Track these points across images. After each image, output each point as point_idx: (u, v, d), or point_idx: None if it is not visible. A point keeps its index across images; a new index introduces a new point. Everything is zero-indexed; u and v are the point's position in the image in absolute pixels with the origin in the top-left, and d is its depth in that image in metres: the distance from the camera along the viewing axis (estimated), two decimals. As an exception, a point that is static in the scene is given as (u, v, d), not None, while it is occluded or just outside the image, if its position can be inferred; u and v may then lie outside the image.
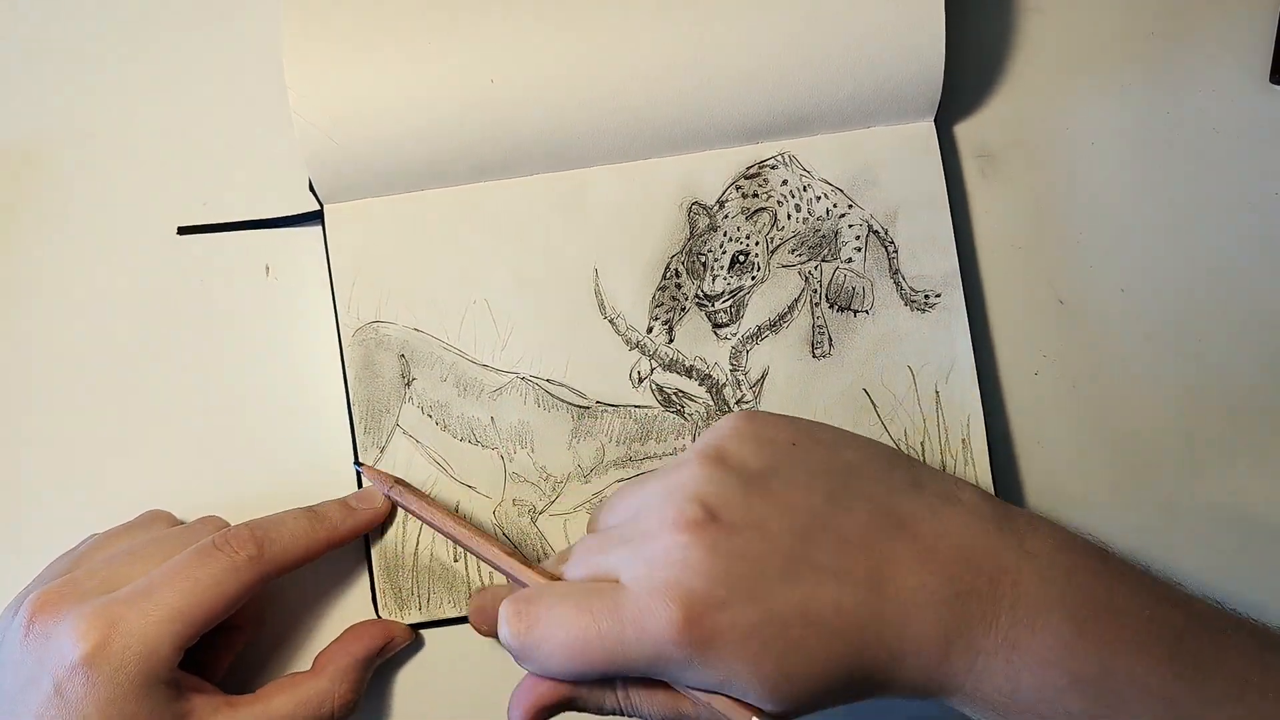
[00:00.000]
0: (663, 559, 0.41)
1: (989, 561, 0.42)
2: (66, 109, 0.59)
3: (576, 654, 0.41)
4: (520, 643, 0.42)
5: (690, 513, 0.41)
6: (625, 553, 0.43)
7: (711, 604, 0.40)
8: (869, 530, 0.42)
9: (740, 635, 0.40)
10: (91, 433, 0.57)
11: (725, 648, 0.40)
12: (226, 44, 0.59)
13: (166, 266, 0.58)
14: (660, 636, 0.40)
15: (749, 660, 0.40)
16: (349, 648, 0.51)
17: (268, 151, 0.58)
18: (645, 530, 0.42)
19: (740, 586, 0.40)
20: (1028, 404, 0.56)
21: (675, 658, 0.40)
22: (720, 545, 0.41)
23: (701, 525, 0.41)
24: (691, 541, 0.41)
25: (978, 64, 0.57)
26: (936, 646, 0.41)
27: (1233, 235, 0.56)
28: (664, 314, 0.55)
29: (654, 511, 0.43)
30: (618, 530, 0.44)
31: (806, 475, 0.43)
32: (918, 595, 0.41)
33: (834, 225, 0.55)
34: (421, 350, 0.55)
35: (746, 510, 0.42)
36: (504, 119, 0.53)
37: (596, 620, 0.41)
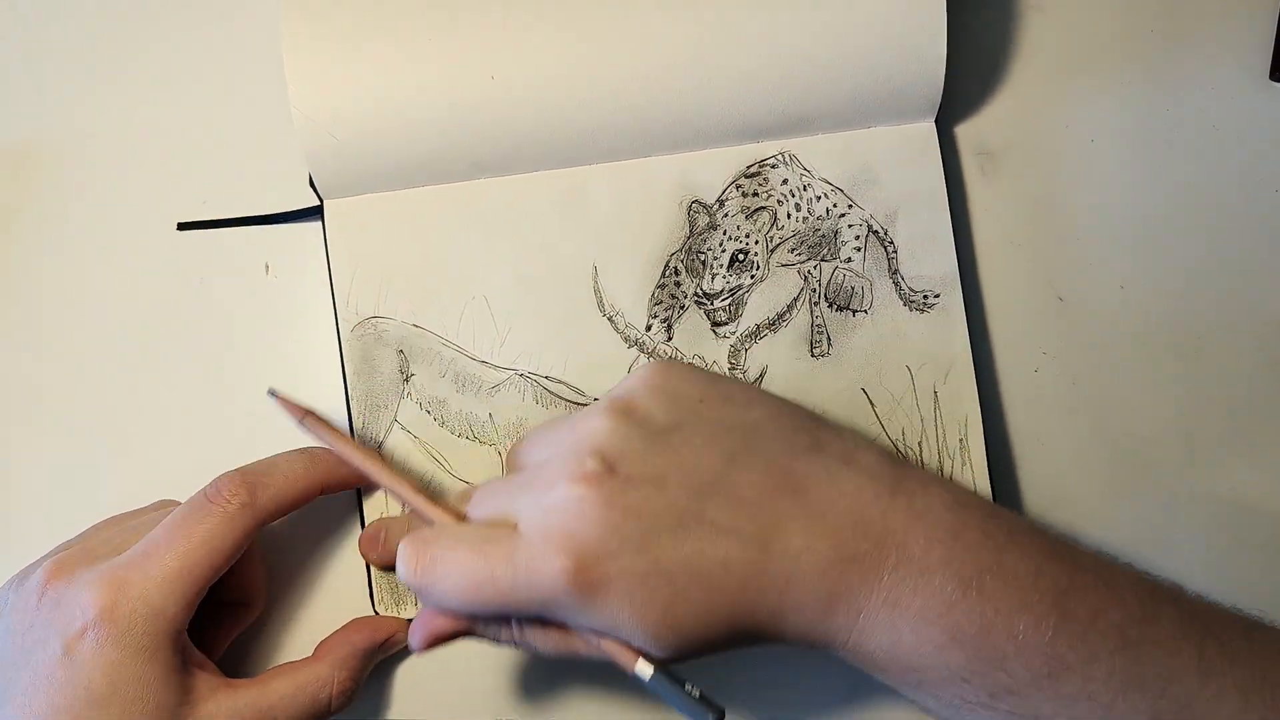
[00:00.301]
0: (558, 509, 0.42)
1: (876, 524, 0.43)
2: (66, 107, 0.59)
3: (470, 595, 0.43)
4: (417, 581, 0.44)
5: (590, 465, 0.42)
6: (525, 499, 0.44)
7: (601, 554, 0.41)
8: (763, 491, 0.43)
9: (627, 585, 0.41)
10: (90, 429, 0.57)
11: (612, 595, 0.41)
12: (226, 41, 0.59)
13: (167, 264, 0.58)
14: (549, 584, 0.41)
15: (635, 608, 0.42)
16: (351, 638, 0.52)
17: (268, 149, 0.58)
18: (545, 478, 0.43)
19: (631, 538, 0.42)
20: (1027, 401, 0.56)
21: (564, 603, 0.42)
22: (615, 498, 0.42)
23: (599, 478, 0.42)
24: (587, 494, 0.42)
25: (978, 63, 0.57)
26: (819, 605, 0.42)
27: (1232, 233, 0.56)
28: (663, 312, 0.55)
29: (556, 461, 0.44)
30: (522, 476, 0.46)
31: (709, 432, 0.44)
32: (803, 557, 0.42)
33: (834, 225, 0.55)
34: (420, 346, 0.55)
35: (645, 465, 0.43)
36: (504, 116, 0.53)
37: (490, 564, 0.42)
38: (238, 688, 0.48)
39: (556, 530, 0.42)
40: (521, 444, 0.49)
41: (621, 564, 0.41)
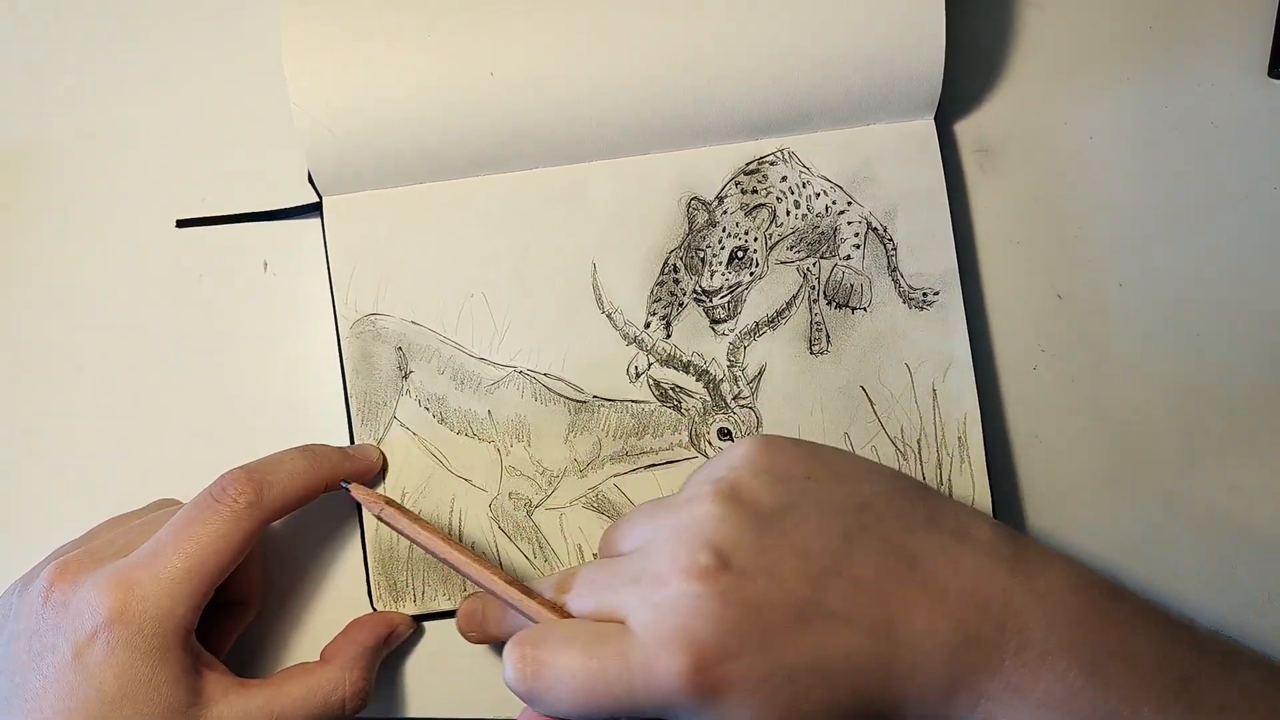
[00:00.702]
0: (672, 607, 0.40)
1: (998, 603, 0.41)
2: (65, 104, 0.59)
3: (583, 700, 0.41)
4: (527, 687, 0.42)
5: (703, 560, 0.41)
6: (633, 594, 0.42)
7: (721, 655, 0.40)
8: (882, 573, 0.42)
9: (749, 685, 0.40)
10: (89, 427, 0.57)
11: (733, 696, 0.40)
12: (225, 38, 0.59)
13: (165, 262, 0.58)
14: (668, 685, 0.40)
15: (756, 709, 0.40)
16: (355, 638, 0.51)
17: (267, 146, 0.58)
18: (655, 572, 0.42)
19: (750, 636, 0.40)
20: (1026, 399, 0.56)
21: (683, 705, 0.40)
22: (731, 594, 0.40)
23: (713, 573, 0.40)
24: (703, 591, 0.40)
25: (976, 60, 0.57)
26: (941, 692, 0.41)
27: (1231, 230, 0.56)
28: (662, 309, 0.55)
29: (665, 553, 0.42)
30: (626, 565, 0.44)
31: (821, 513, 0.43)
32: (925, 642, 0.41)
33: (833, 222, 0.55)
34: (419, 343, 0.55)
35: (759, 555, 0.41)
36: (504, 112, 0.53)
37: (604, 667, 0.40)
38: (250, 688, 0.47)
39: (672, 630, 0.40)
40: (619, 528, 0.47)
41: (742, 665, 0.40)
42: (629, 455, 0.54)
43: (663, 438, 0.54)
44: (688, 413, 0.54)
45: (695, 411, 0.54)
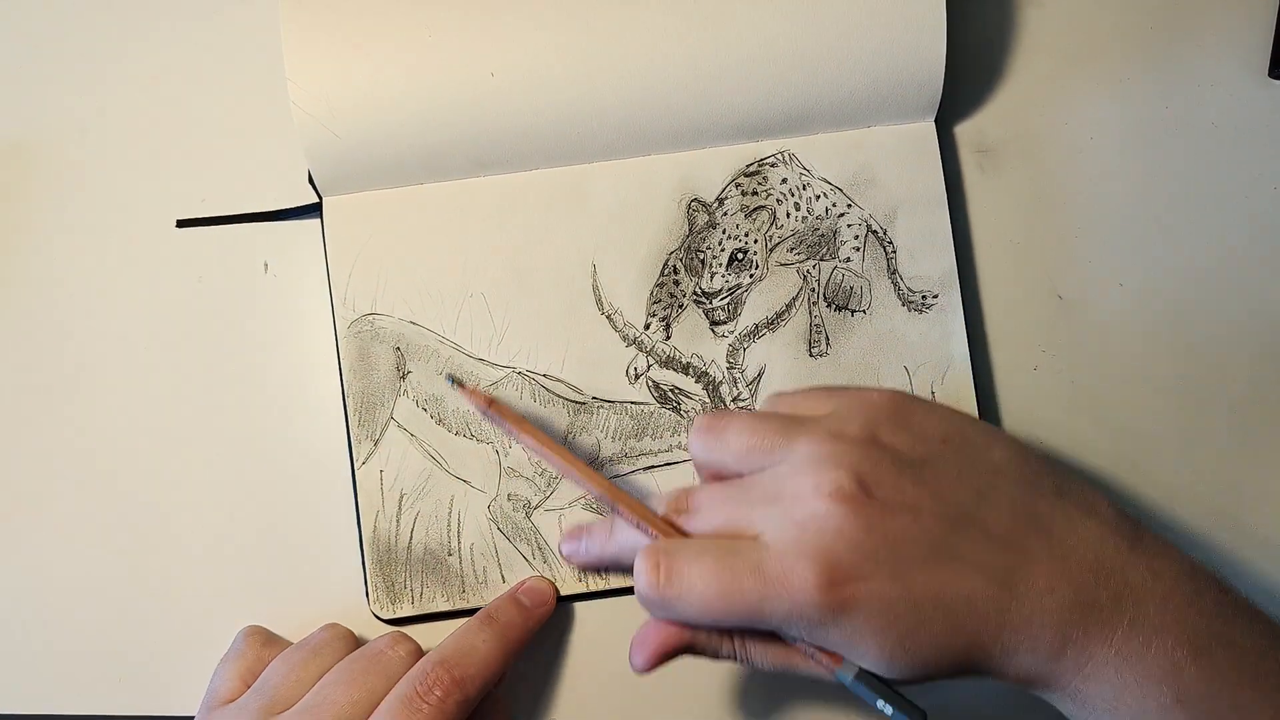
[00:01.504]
0: (813, 524, 0.42)
1: (1116, 577, 0.43)
2: (64, 104, 0.59)
3: (716, 607, 0.42)
4: (660, 594, 0.43)
5: (846, 484, 0.42)
6: (769, 511, 0.43)
7: (855, 574, 0.41)
8: (1011, 529, 0.43)
9: (874, 607, 0.41)
10: (89, 426, 0.57)
11: (857, 616, 0.41)
12: (226, 38, 0.59)
13: (165, 264, 0.58)
14: (800, 598, 0.41)
15: (876, 632, 0.42)
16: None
17: (267, 147, 0.58)
18: (794, 492, 0.43)
19: (885, 563, 0.42)
20: (1026, 399, 0.56)
21: (810, 618, 0.41)
22: (874, 522, 0.42)
23: (857, 499, 0.42)
24: (847, 512, 0.42)
25: (977, 61, 0.57)
26: (1051, 648, 0.42)
27: (1231, 230, 0.56)
28: (662, 310, 0.55)
29: (805, 475, 0.43)
30: (755, 485, 0.45)
31: (956, 471, 0.44)
32: (1044, 598, 0.42)
33: (833, 224, 0.55)
34: (417, 343, 0.55)
35: (900, 492, 0.43)
36: (504, 113, 0.53)
37: (738, 577, 0.42)
38: None
39: (811, 545, 0.41)
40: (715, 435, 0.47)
41: (872, 586, 0.41)
42: (628, 457, 0.54)
43: (662, 439, 0.54)
44: (687, 414, 0.54)
45: (695, 413, 0.54)
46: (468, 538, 0.54)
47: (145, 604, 0.56)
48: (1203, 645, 0.42)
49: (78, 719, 0.55)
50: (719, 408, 0.54)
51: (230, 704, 0.49)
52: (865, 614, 0.41)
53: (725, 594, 0.42)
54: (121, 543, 0.56)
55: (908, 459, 0.44)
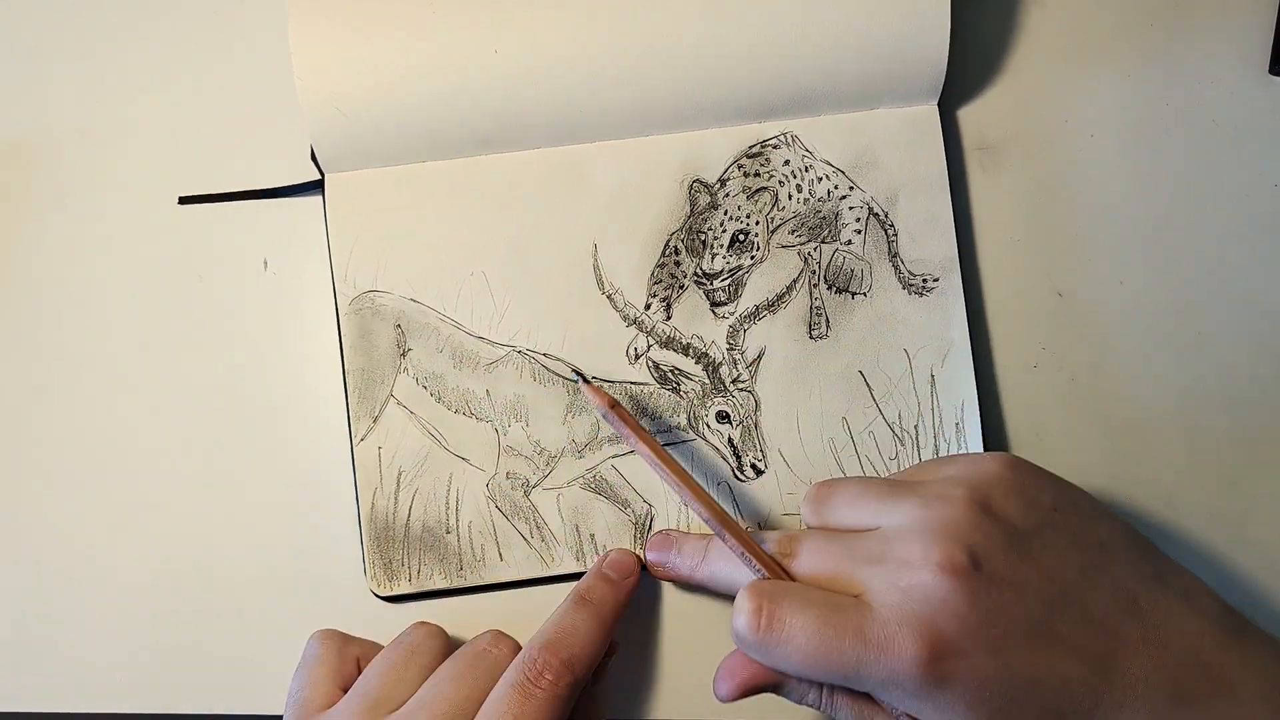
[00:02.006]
0: (919, 593, 0.42)
1: (1212, 670, 0.43)
2: (64, 97, 0.59)
3: (812, 662, 0.42)
4: (758, 638, 0.43)
5: (957, 558, 0.42)
6: (876, 572, 0.43)
7: (955, 650, 0.41)
8: (1110, 613, 0.43)
9: (972, 685, 0.41)
10: (89, 423, 0.57)
11: (954, 691, 0.41)
12: (229, 18, 0.59)
13: (165, 260, 0.58)
14: (900, 667, 0.41)
15: (970, 707, 0.42)
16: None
17: (270, 137, 0.58)
18: (903, 558, 0.43)
19: (985, 640, 0.42)
20: (1026, 397, 0.56)
21: (906, 688, 0.42)
22: (979, 597, 0.42)
23: (965, 572, 0.42)
24: (954, 586, 0.42)
25: (980, 51, 0.58)
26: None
27: (1231, 227, 0.57)
28: (662, 291, 0.55)
29: (916, 542, 0.43)
30: (865, 544, 0.45)
31: (1064, 543, 0.44)
32: (1139, 686, 0.42)
33: (834, 207, 0.55)
34: (418, 321, 0.55)
35: (1008, 568, 0.43)
36: (507, 90, 0.53)
37: (840, 636, 0.42)
38: None
39: (915, 615, 0.42)
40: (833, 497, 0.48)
41: (971, 663, 0.41)
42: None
43: (661, 419, 0.54)
44: (686, 395, 0.54)
45: (694, 394, 0.54)
46: (466, 515, 0.54)
47: (145, 596, 0.56)
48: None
49: (79, 717, 0.55)
50: (718, 389, 0.54)
51: (329, 710, 0.48)
52: (961, 690, 0.41)
53: (824, 651, 0.42)
54: (121, 536, 0.56)
55: (1018, 530, 0.44)
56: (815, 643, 0.42)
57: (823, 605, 0.43)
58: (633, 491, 0.54)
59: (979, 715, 0.41)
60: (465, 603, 0.54)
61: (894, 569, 0.43)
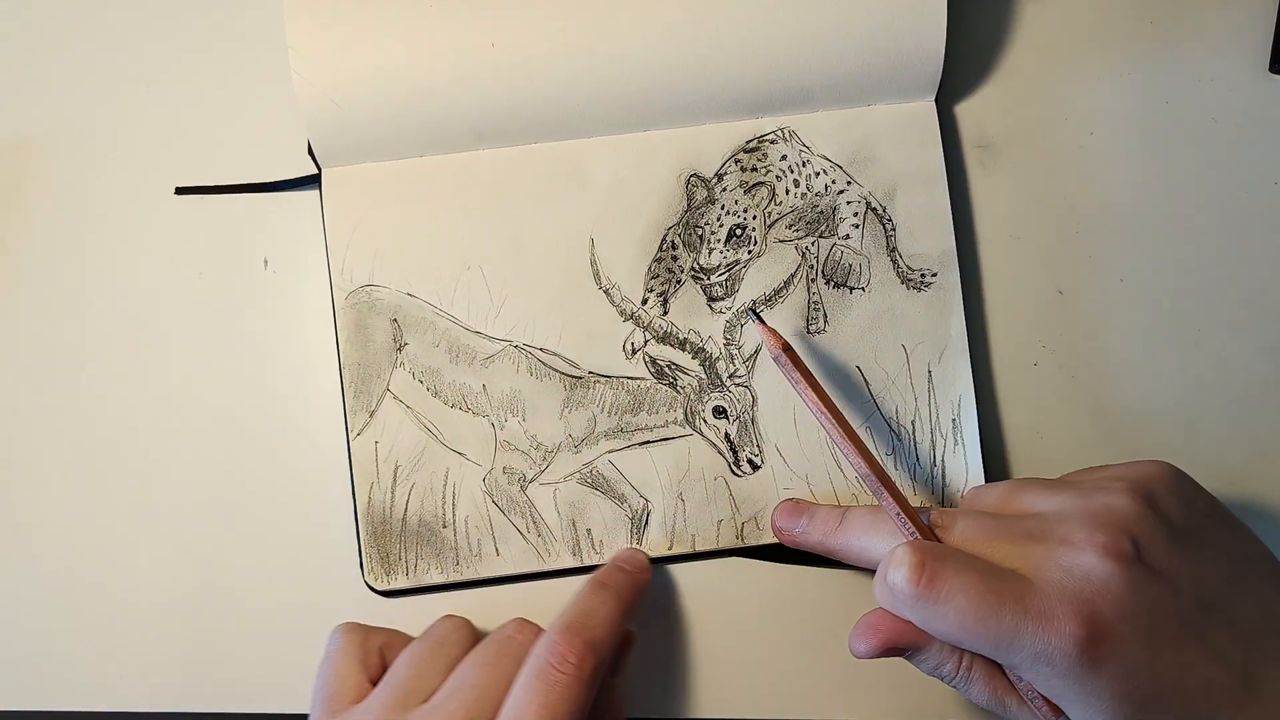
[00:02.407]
0: (1081, 573, 0.42)
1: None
2: (63, 94, 0.59)
3: (970, 625, 0.42)
4: (917, 593, 0.43)
5: (1122, 544, 0.42)
6: (1038, 550, 0.43)
7: (1112, 635, 0.41)
8: (1256, 624, 0.43)
9: (1121, 673, 0.41)
10: (88, 421, 0.57)
11: (1104, 677, 0.41)
12: (227, 19, 0.59)
13: (165, 259, 0.57)
14: (1057, 643, 0.41)
15: (1116, 696, 0.42)
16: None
17: (268, 134, 0.58)
18: (1065, 538, 0.43)
19: (1140, 630, 0.42)
20: (1026, 394, 0.56)
21: (1058, 665, 0.42)
22: (1139, 586, 0.42)
23: (1129, 560, 0.42)
24: (1117, 571, 0.42)
25: (978, 46, 0.57)
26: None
27: (1232, 224, 0.56)
28: (659, 286, 0.55)
29: (1080, 525, 0.43)
30: (1025, 524, 0.45)
31: (1214, 551, 0.45)
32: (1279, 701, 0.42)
33: (832, 201, 0.55)
34: (414, 315, 0.54)
35: (1167, 562, 0.43)
36: (504, 85, 0.53)
37: (1002, 603, 0.42)
38: None
39: (1078, 595, 0.42)
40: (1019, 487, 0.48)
41: (1125, 650, 0.41)
42: (624, 431, 0.54)
43: (658, 415, 0.54)
44: (683, 390, 0.54)
45: (690, 389, 0.54)
46: (462, 510, 0.54)
47: (140, 592, 0.56)
48: None
49: (75, 715, 0.55)
50: (715, 384, 0.54)
51: (360, 705, 0.48)
52: (1110, 676, 0.41)
53: (983, 616, 0.42)
54: (118, 531, 0.56)
55: (1176, 528, 0.44)
56: (975, 605, 0.42)
57: (985, 571, 0.43)
58: (629, 487, 0.54)
59: (1123, 705, 0.41)
60: (462, 597, 0.54)
61: (1055, 548, 0.43)
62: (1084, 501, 0.45)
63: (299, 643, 0.55)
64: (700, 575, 0.55)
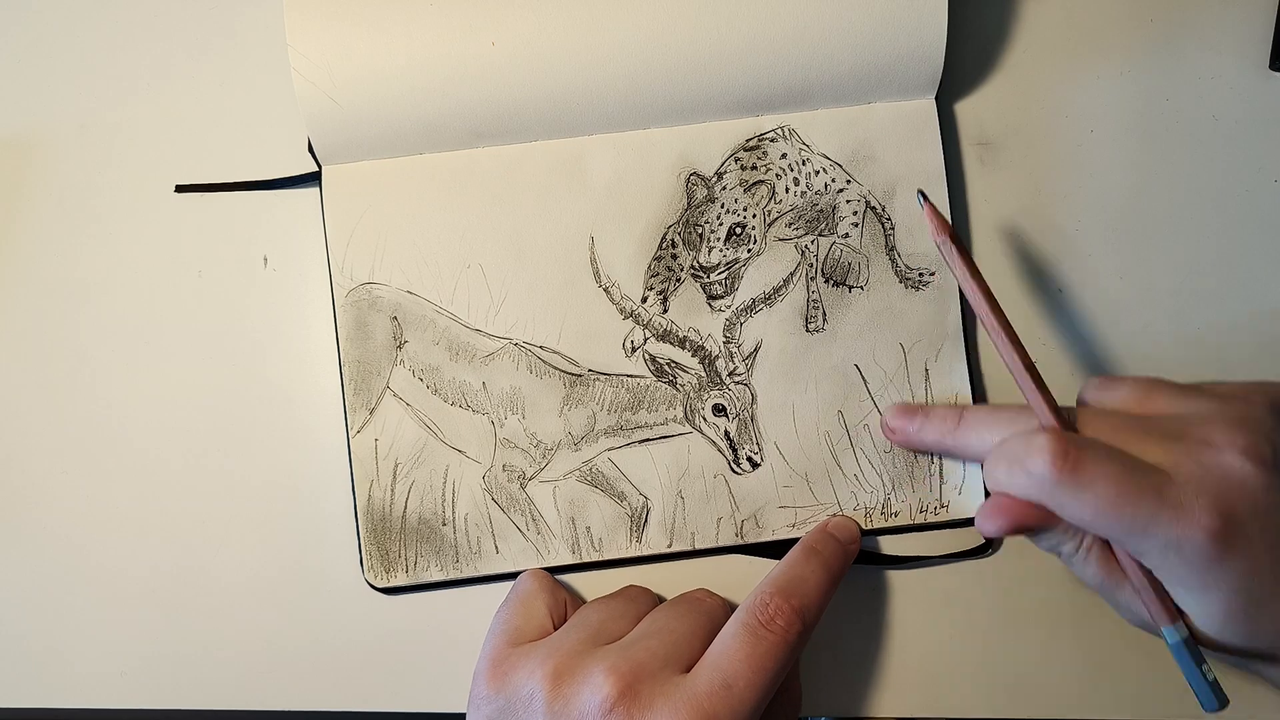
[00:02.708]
0: (1220, 472, 0.43)
1: None
2: (65, 91, 0.59)
3: (1108, 510, 0.43)
4: (1060, 476, 0.44)
5: (1262, 447, 0.44)
6: (1176, 447, 0.44)
7: (1244, 531, 0.43)
8: None
9: (1245, 568, 0.43)
10: (88, 420, 0.57)
11: (1228, 572, 0.43)
12: (227, 17, 0.59)
13: (164, 257, 0.58)
14: (1191, 533, 0.43)
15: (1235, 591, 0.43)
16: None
17: (269, 132, 0.58)
18: (1204, 438, 0.44)
19: (1269, 530, 0.43)
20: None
21: (1188, 555, 0.43)
22: (1273, 489, 0.43)
23: (1267, 463, 0.43)
24: (1255, 472, 0.43)
25: (978, 44, 0.57)
26: None
27: (1231, 223, 0.56)
28: (659, 284, 0.55)
29: (1219, 426, 0.44)
30: (1161, 423, 0.46)
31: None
32: None
33: (831, 200, 0.55)
34: (414, 313, 0.55)
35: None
36: (504, 82, 0.53)
37: (1141, 491, 0.43)
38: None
39: (1216, 489, 0.43)
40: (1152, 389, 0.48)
41: (1253, 549, 0.43)
42: (623, 429, 0.54)
43: (657, 413, 0.54)
44: (683, 388, 0.54)
45: (690, 387, 0.54)
46: (462, 508, 0.54)
47: (139, 588, 0.56)
48: None
49: (73, 713, 0.56)
50: (715, 382, 0.54)
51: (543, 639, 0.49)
52: (1234, 570, 0.43)
53: (1121, 502, 0.43)
54: (118, 528, 0.56)
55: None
56: (1115, 492, 0.43)
57: (1126, 462, 0.44)
58: (629, 484, 0.54)
59: (1239, 599, 0.43)
60: (461, 595, 0.55)
61: (1194, 446, 0.44)
62: (1223, 406, 0.45)
63: (298, 639, 0.55)
64: (700, 573, 0.55)
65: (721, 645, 0.46)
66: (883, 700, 0.55)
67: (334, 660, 0.55)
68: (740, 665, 0.46)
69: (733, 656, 0.46)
